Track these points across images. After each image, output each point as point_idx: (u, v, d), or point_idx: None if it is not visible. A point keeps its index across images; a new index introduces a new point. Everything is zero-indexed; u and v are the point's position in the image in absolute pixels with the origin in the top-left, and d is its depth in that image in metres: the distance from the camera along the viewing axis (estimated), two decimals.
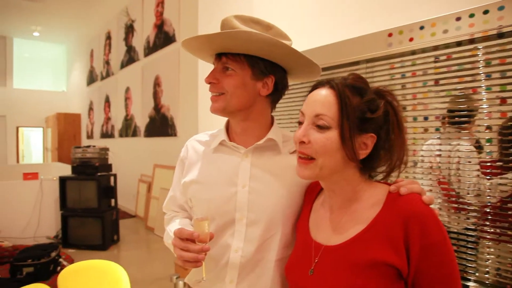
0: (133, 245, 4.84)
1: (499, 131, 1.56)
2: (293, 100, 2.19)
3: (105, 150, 4.87)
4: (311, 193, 1.00)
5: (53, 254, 3.64)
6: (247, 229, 1.00)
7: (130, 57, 6.90)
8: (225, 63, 1.00)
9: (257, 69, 0.99)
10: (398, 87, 1.80)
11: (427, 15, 1.64)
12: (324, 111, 0.82)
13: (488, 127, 1.55)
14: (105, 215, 4.55)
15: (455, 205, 1.66)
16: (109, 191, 4.74)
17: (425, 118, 1.70)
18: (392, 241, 0.75)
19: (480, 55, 1.52)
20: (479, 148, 1.63)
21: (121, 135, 7.37)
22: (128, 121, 7.02)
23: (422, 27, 1.66)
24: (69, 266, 2.17)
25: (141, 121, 6.34)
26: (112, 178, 4.87)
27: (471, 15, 1.50)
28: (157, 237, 5.03)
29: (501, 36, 1.46)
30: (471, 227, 1.58)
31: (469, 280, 1.54)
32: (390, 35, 1.76)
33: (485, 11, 1.45)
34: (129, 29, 6.92)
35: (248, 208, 1.00)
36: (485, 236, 1.50)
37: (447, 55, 1.62)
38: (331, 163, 0.82)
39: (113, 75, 7.88)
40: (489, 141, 1.55)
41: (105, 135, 8.28)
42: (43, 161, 11.22)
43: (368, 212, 0.82)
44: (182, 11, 5.04)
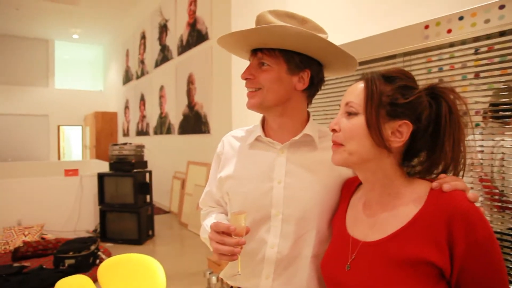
0: (167, 240, 4.95)
1: None
2: (328, 95, 2.16)
3: (141, 147, 5.00)
4: (349, 189, 0.98)
5: (92, 247, 3.78)
6: (282, 225, 0.99)
7: (164, 56, 7.05)
8: (261, 58, 1.00)
9: (293, 64, 0.99)
10: (436, 81, 1.74)
11: (462, 6, 1.57)
12: (352, 98, 0.83)
13: None
14: (140, 211, 4.68)
15: (498, 204, 1.58)
16: (144, 187, 4.86)
17: (464, 113, 1.63)
18: (434, 239, 0.72)
19: None
20: None
21: (155, 133, 7.56)
22: (162, 118, 7.18)
23: (461, 18, 1.59)
24: (108, 259, 2.25)
25: (175, 118, 6.47)
26: (147, 174, 5.00)
27: None
28: (190, 232, 5.12)
29: None
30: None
31: None
32: (426, 27, 1.70)
33: None
34: (163, 29, 7.07)
35: (283, 204, 1.00)
36: None
37: (489, 47, 1.54)
38: (359, 149, 0.81)
39: (148, 74, 8.08)
40: None
41: (141, 132, 8.51)
42: (82, 158, 11.68)
43: (408, 208, 0.79)
44: (214, 9, 5.09)
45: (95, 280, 1.97)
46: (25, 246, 4.05)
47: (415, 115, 0.79)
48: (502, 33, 1.49)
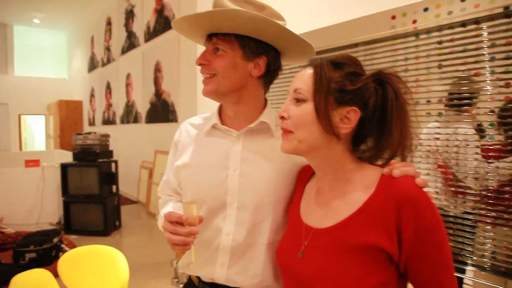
0: (134, 230, 4.87)
1: (499, 114, 1.54)
2: (290, 82, 2.16)
3: (106, 136, 4.86)
4: (304, 176, 0.98)
5: (55, 240, 3.67)
6: (238, 212, 0.98)
7: (130, 43, 6.85)
8: (215, 43, 0.98)
9: (248, 49, 0.97)
10: (399, 70, 1.76)
11: None
12: (301, 85, 0.82)
13: (491, 111, 1.52)
14: (106, 201, 4.58)
15: (453, 189, 1.64)
16: (110, 177, 4.75)
17: (428, 101, 1.67)
18: (384, 224, 0.74)
19: (485, 35, 1.49)
20: (480, 131, 1.61)
21: (122, 122, 7.37)
22: (129, 107, 7.00)
23: (426, 9, 1.62)
24: (68, 252, 2.18)
25: (142, 107, 6.33)
26: (113, 164, 4.87)
27: None
28: None
29: (507, 16, 1.43)
30: (469, 211, 1.57)
31: (466, 263, 1.54)
32: (393, 17, 1.72)
33: None
34: (129, 15, 6.85)
35: (239, 191, 0.98)
36: (482, 220, 1.48)
37: (451, 37, 1.58)
38: (309, 136, 0.81)
39: (114, 61, 7.83)
40: (492, 125, 1.52)
41: (107, 121, 8.28)
42: (46, 149, 11.25)
43: (360, 194, 0.79)
44: None
45: (57, 274, 1.91)
46: None
47: (362, 101, 0.79)
48: (463, 24, 1.53)
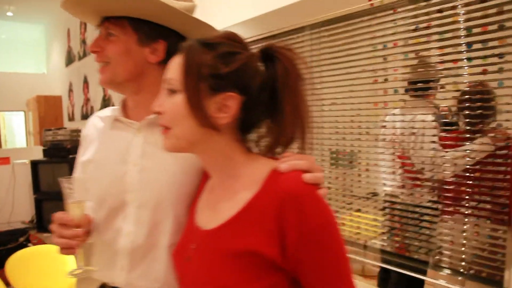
0: None
1: (459, 100, 1.48)
2: None
3: (77, 131, 4.76)
4: (206, 174, 0.91)
5: (21, 239, 3.58)
6: (138, 211, 0.91)
7: None
8: (107, 28, 0.90)
9: (143, 34, 0.89)
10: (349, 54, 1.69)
11: None
12: (171, 74, 0.73)
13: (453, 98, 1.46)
14: None
15: (411, 181, 1.58)
16: None
17: (395, 90, 1.60)
18: (265, 227, 0.65)
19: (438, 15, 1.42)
20: (441, 119, 1.55)
21: None
22: (106, 101, 6.85)
23: None
24: (17, 252, 2.11)
25: (119, 101, 6.19)
26: None
27: None
28: None
29: None
30: (425, 205, 1.52)
31: (426, 263, 1.48)
32: None
33: None
34: None
35: (139, 188, 0.91)
36: (436, 213, 1.43)
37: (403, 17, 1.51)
38: (184, 131, 0.72)
39: (90, 54, 7.65)
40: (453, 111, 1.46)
41: (85, 116, 8.10)
42: (27, 145, 11.05)
43: (245, 192, 0.71)
44: None
45: None
46: None
47: (242, 84, 0.70)
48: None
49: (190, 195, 0.93)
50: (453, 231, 1.38)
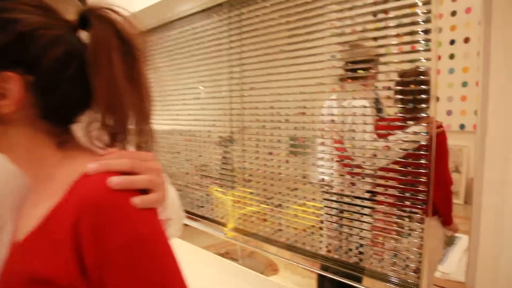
0: None
1: (396, 84, 1.33)
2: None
3: None
4: None
5: None
6: None
7: None
8: None
9: None
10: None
11: None
12: None
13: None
14: None
15: (348, 169, 1.42)
16: None
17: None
18: (60, 245, 0.49)
19: None
20: (377, 104, 1.42)
21: None
22: None
23: None
24: None
25: None
26: None
27: None
28: None
29: None
30: (355, 202, 1.38)
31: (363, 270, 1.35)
32: None
33: None
34: None
35: None
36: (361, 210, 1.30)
37: None
38: None
39: None
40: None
41: None
42: None
43: (51, 200, 0.56)
44: None
45: None
46: None
47: (27, 60, 0.53)
48: None
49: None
50: (373, 229, 1.27)
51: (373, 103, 1.41)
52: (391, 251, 1.20)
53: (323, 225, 1.39)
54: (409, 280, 1.14)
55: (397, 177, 1.20)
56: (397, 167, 1.20)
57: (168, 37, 1.93)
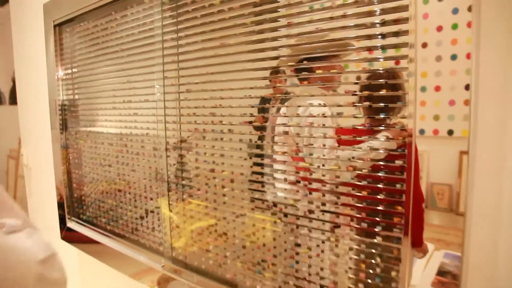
0: None
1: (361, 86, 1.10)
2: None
3: None
4: None
5: None
6: None
7: None
8: None
9: None
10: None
11: None
12: None
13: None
14: None
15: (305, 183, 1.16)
16: None
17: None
18: None
19: None
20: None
21: None
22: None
23: None
24: None
25: (4, 85, 5.38)
26: None
27: None
28: None
29: None
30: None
31: None
32: None
33: None
34: None
35: None
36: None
37: None
38: None
39: None
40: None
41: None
42: None
43: None
44: None
45: None
46: None
47: None
48: None
49: None
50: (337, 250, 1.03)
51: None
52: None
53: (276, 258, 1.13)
54: None
55: (366, 195, 0.97)
56: (365, 182, 0.97)
57: (94, 28, 1.63)
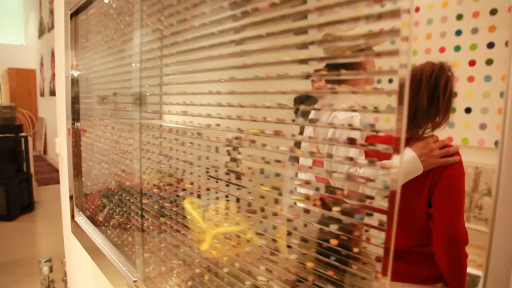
0: (49, 215, 4.36)
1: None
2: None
3: (10, 108, 4.28)
4: None
5: None
6: None
7: None
8: None
9: None
10: None
11: None
12: None
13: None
14: (10, 181, 4.05)
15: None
16: (16, 155, 4.21)
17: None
18: None
19: None
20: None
21: None
22: None
23: None
24: None
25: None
26: (22, 140, 4.32)
27: None
28: None
29: None
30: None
31: None
32: None
33: None
34: None
35: None
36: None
37: None
38: None
39: None
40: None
41: (53, 92, 7.66)
42: None
43: None
44: None
45: None
46: None
47: None
48: None
49: None
50: None
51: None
52: None
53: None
54: None
55: None
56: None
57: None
